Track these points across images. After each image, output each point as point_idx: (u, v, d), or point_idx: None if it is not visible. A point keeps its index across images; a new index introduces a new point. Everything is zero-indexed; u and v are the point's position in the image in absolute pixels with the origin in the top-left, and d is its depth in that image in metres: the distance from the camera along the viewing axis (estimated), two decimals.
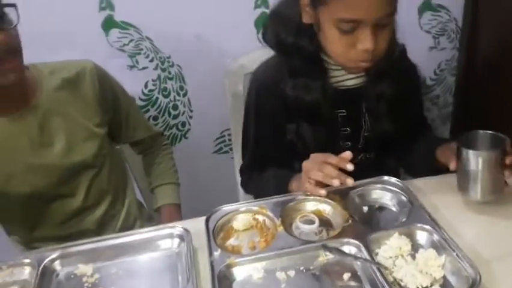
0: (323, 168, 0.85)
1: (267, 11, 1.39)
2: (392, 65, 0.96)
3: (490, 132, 0.87)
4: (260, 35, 1.41)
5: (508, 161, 0.83)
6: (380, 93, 0.99)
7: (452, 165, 0.87)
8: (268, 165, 1.06)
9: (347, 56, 0.88)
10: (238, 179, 1.32)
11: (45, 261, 0.81)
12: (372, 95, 0.99)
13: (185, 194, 1.28)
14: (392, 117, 1.00)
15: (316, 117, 0.97)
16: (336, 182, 0.83)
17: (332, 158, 0.85)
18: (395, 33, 0.94)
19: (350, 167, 0.84)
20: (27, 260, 0.82)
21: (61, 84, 1.03)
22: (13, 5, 0.87)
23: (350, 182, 0.83)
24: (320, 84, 0.95)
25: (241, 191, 1.27)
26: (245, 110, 1.09)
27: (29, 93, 0.99)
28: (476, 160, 0.82)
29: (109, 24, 1.33)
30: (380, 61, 0.90)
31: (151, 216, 1.27)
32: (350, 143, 1.02)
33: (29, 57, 0.95)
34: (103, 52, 1.35)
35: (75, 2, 1.28)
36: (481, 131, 0.88)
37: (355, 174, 0.84)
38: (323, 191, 0.86)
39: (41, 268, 0.80)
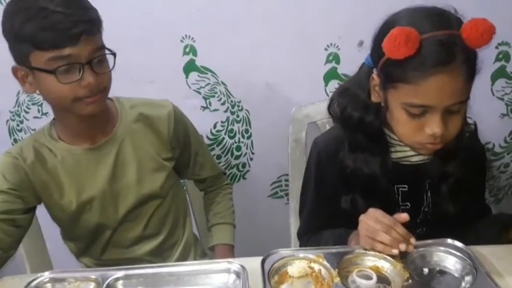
0: (389, 231, 0.85)
1: (337, 66, 1.45)
2: (461, 146, 0.95)
3: None
4: (327, 88, 1.49)
5: None
6: (446, 173, 0.98)
7: None
8: (325, 229, 1.06)
9: (414, 138, 0.89)
10: (293, 226, 1.33)
11: (109, 279, 0.86)
12: (437, 173, 0.98)
13: (238, 233, 1.30)
14: (455, 197, 0.98)
15: (373, 190, 0.97)
16: (403, 247, 0.84)
17: (400, 228, 0.86)
18: (465, 112, 0.93)
19: (413, 240, 0.86)
20: (93, 276, 0.87)
21: (138, 118, 1.09)
22: (114, 54, 0.98)
23: (411, 249, 0.86)
24: (380, 160, 0.96)
25: (293, 238, 1.28)
26: (304, 176, 1.12)
27: (109, 125, 1.07)
28: None
29: (190, 67, 1.44)
30: (450, 141, 0.90)
31: (204, 253, 1.31)
32: (409, 217, 1.01)
33: (113, 90, 1.03)
34: (181, 92, 1.45)
35: (163, 44, 1.40)
36: None
37: None
38: (396, 250, 0.85)
39: (105, 285, 0.84)
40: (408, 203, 1.01)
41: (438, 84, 0.81)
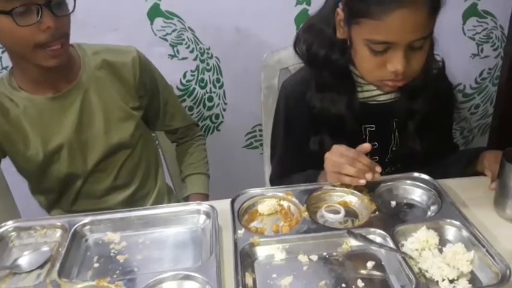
0: (354, 163, 0.85)
1: (308, 8, 1.41)
2: (428, 83, 0.94)
3: None
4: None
5: None
6: (412, 111, 0.97)
7: (492, 186, 0.87)
8: (295, 172, 1.06)
9: (375, 75, 0.88)
10: (267, 174, 1.32)
11: (76, 226, 0.85)
12: (404, 111, 0.98)
13: (213, 185, 1.30)
14: (422, 135, 0.99)
15: (341, 131, 0.96)
16: (369, 177, 0.84)
17: (364, 159, 0.85)
18: (433, 50, 0.92)
19: (378, 169, 0.85)
20: (59, 223, 0.86)
21: (101, 64, 1.06)
22: None
23: (378, 177, 0.86)
24: (347, 99, 0.95)
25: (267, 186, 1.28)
26: (274, 121, 1.10)
27: (72, 73, 1.03)
28: None
29: (154, 12, 1.37)
30: (416, 78, 0.89)
31: (179, 203, 1.30)
32: (377, 157, 1.01)
33: (75, 38, 0.99)
34: (147, 39, 1.39)
35: None
36: None
37: None
38: (363, 180, 0.84)
39: (71, 231, 0.83)
40: (376, 143, 1.01)
41: (400, 19, 0.79)
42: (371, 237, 0.77)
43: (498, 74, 1.60)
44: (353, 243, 0.77)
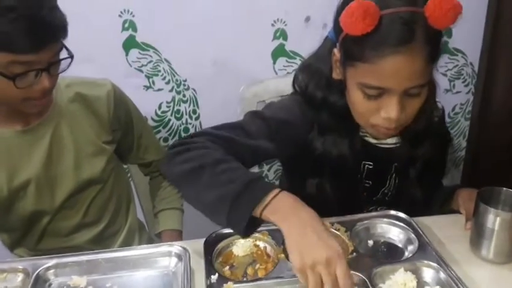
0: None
1: (285, 42, 1.42)
2: (431, 130, 0.92)
3: None
4: (276, 66, 1.46)
5: None
6: (414, 159, 0.94)
7: (467, 226, 0.87)
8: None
9: (368, 119, 0.84)
10: None
11: (39, 270, 0.80)
12: (406, 158, 0.95)
13: (188, 219, 1.26)
14: (421, 182, 0.96)
15: (341, 169, 0.92)
16: None
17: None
18: (435, 96, 0.91)
19: None
20: (20, 267, 0.81)
21: (74, 97, 1.03)
22: (72, 56, 0.91)
23: None
24: (348, 142, 0.91)
25: None
26: (258, 113, 0.95)
27: (44, 107, 0.99)
28: (494, 218, 0.80)
29: (129, 44, 1.36)
30: (417, 126, 0.87)
31: (151, 240, 1.26)
32: (365, 193, 0.99)
33: None
34: (122, 70, 1.37)
35: (100, 20, 1.32)
36: (505, 189, 0.86)
37: None
38: None
39: (34, 276, 0.78)
40: (370, 182, 0.97)
41: (395, 65, 0.75)
42: None
43: (470, 109, 1.65)
44: None
